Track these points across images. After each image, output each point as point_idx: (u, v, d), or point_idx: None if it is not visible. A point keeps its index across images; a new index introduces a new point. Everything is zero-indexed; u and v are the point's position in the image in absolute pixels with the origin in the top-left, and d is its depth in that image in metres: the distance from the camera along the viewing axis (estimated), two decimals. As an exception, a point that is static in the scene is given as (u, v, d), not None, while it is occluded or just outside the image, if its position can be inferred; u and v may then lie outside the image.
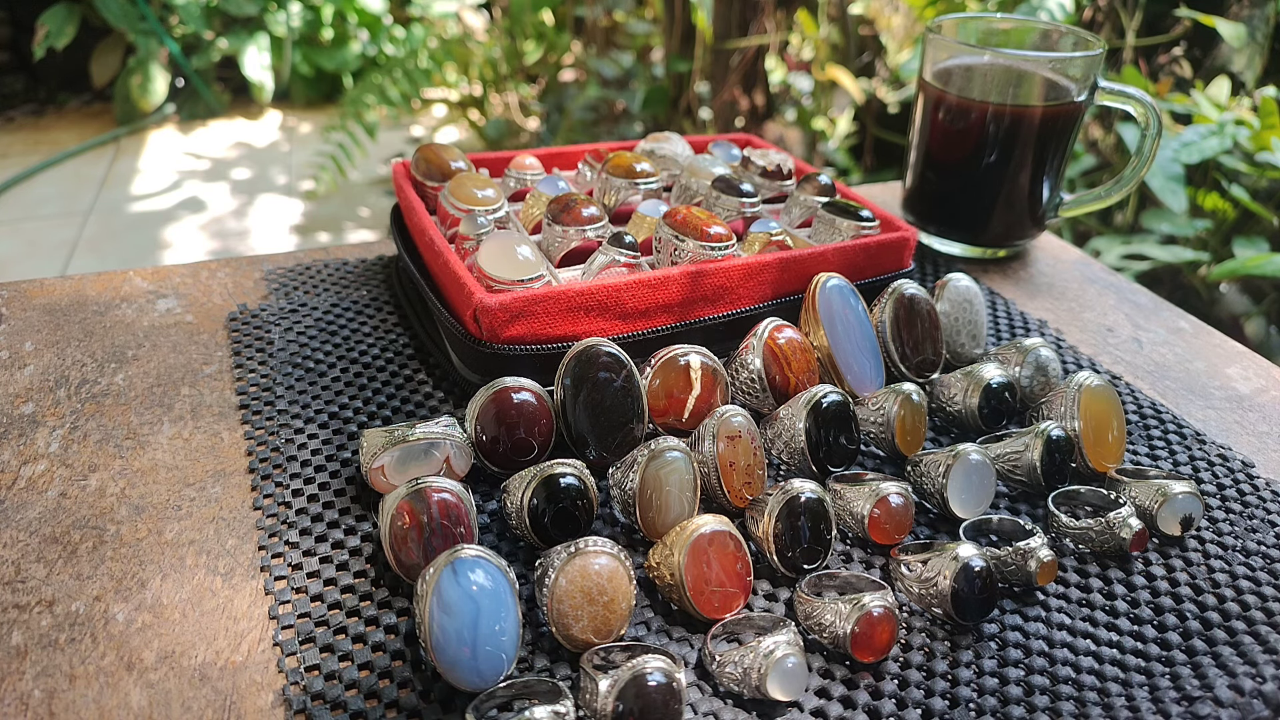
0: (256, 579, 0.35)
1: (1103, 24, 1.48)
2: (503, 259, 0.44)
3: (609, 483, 0.38)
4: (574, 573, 0.32)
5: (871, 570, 0.38)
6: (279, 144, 2.55)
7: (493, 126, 2.23)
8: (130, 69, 2.46)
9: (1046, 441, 0.41)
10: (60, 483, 0.39)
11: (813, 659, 0.34)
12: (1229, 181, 1.19)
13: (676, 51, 2.01)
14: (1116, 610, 0.36)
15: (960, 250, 0.63)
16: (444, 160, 0.53)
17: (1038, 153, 0.58)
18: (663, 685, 0.29)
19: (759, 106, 1.95)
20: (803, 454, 0.40)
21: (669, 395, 0.41)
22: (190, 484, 0.40)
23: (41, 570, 0.35)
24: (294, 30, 2.59)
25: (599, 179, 0.54)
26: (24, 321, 0.50)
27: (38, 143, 2.47)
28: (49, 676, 0.31)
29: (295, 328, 0.50)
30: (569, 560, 0.32)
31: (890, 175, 1.79)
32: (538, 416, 0.40)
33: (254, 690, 0.31)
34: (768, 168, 0.57)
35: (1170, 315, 0.58)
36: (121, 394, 0.45)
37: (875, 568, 0.38)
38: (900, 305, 0.47)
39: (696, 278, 0.45)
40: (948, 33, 0.61)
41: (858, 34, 1.86)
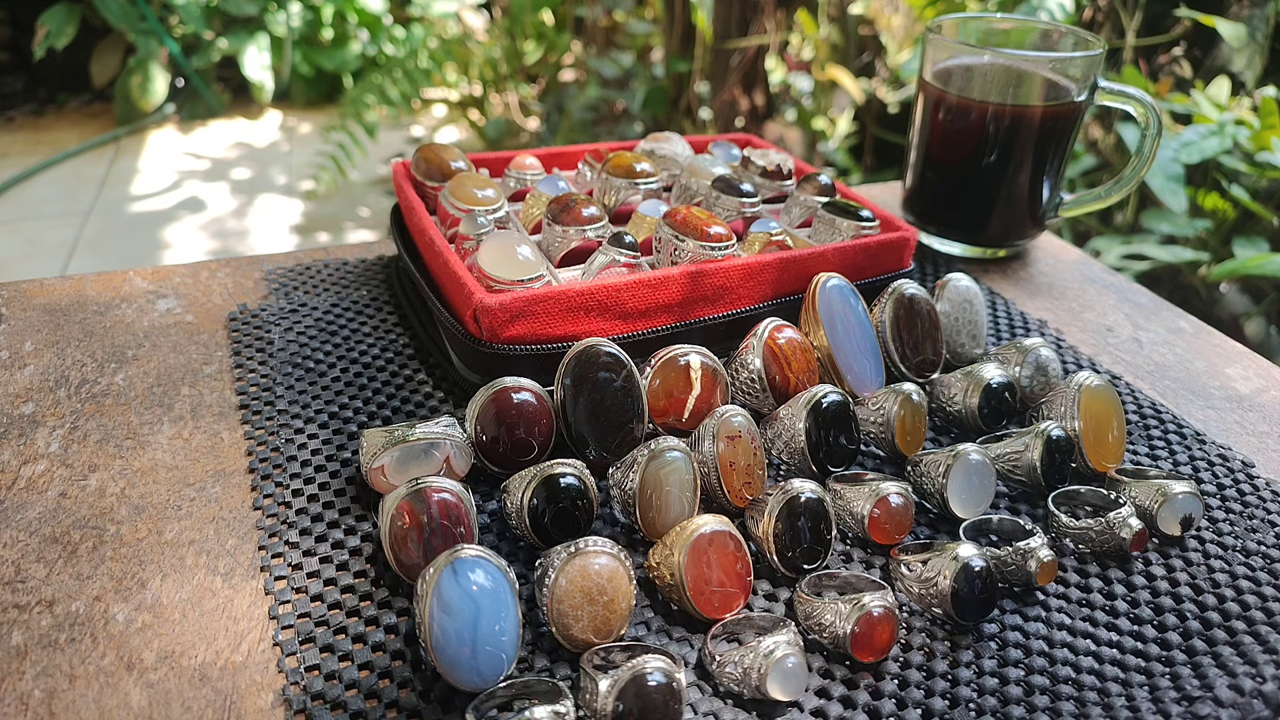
0: (256, 579, 0.35)
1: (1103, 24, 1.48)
2: (503, 259, 0.44)
3: (609, 483, 0.38)
4: (574, 573, 0.32)
5: (871, 570, 0.38)
6: (279, 144, 2.55)
7: (493, 126, 2.23)
8: (130, 69, 2.46)
9: (1046, 441, 0.41)
10: (60, 483, 0.39)
11: (813, 659, 0.34)
12: (1229, 181, 1.19)
13: (676, 51, 2.01)
14: (1116, 610, 0.36)
15: (960, 250, 0.63)
16: (444, 160, 0.53)
17: (1038, 153, 0.58)
18: (663, 685, 0.29)
19: (759, 106, 1.95)
20: (803, 454, 0.40)
21: (669, 395, 0.41)
22: (190, 484, 0.40)
23: (41, 570, 0.35)
24: (294, 30, 2.59)
25: (599, 179, 0.54)
26: (24, 321, 0.50)
27: (38, 143, 2.47)
28: (49, 676, 0.31)
29: (295, 328, 0.50)
30: (569, 560, 0.32)
31: (890, 175, 1.79)
32: (538, 416, 0.40)
33: (254, 690, 0.31)
34: (768, 168, 0.57)
35: (1170, 315, 0.58)
36: (121, 394, 0.45)
37: (875, 568, 0.38)
38: (900, 305, 0.47)
39: (696, 278, 0.45)
40: (948, 33, 0.61)
41: (858, 34, 1.86)
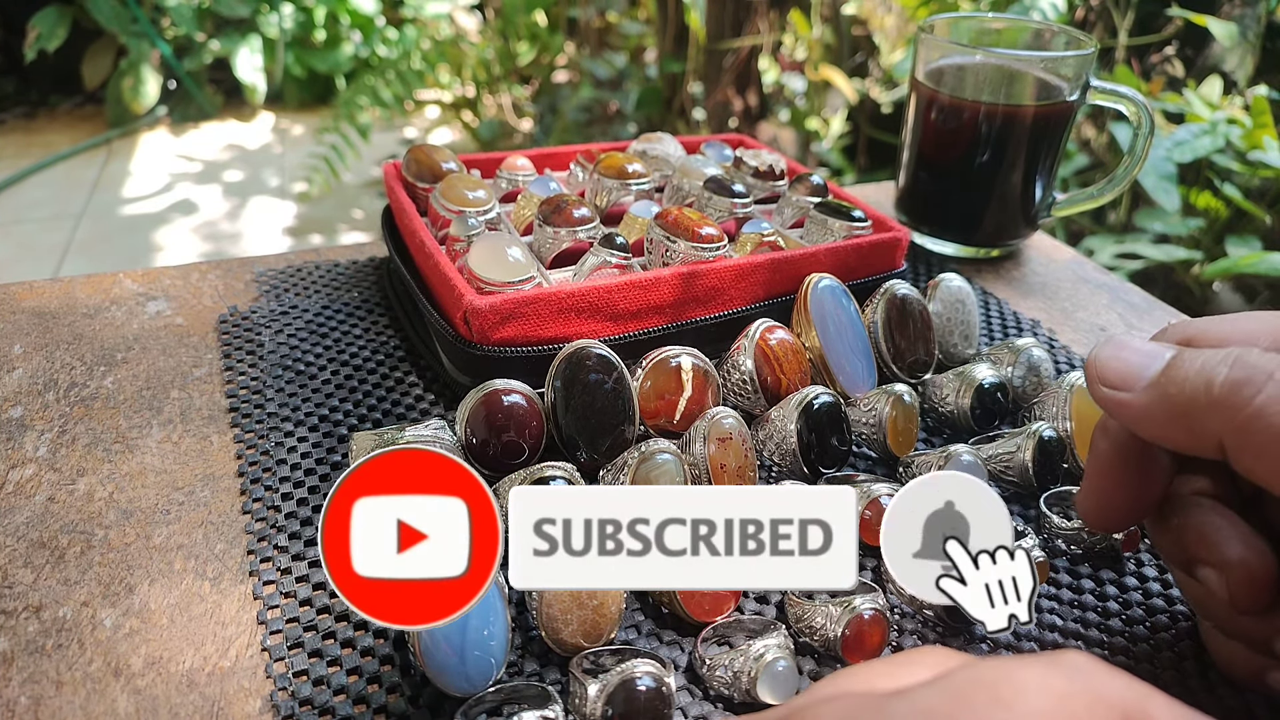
0: (245, 583, 0.35)
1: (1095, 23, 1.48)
2: (493, 261, 0.44)
3: (599, 485, 0.38)
4: (564, 576, 0.32)
5: (863, 572, 0.38)
6: (271, 146, 2.55)
7: (486, 128, 2.23)
8: (122, 71, 2.46)
9: (1039, 442, 0.40)
10: (48, 487, 0.39)
11: (803, 662, 0.33)
12: (1221, 180, 1.19)
13: (670, 52, 2.01)
14: (1109, 611, 0.36)
15: (953, 250, 0.63)
16: (435, 161, 0.53)
17: (1030, 152, 0.58)
18: (652, 690, 0.29)
19: (752, 107, 1.95)
20: (794, 455, 0.40)
21: (660, 397, 0.41)
22: (179, 488, 0.40)
23: (29, 575, 0.35)
24: (286, 32, 2.58)
25: (591, 180, 0.54)
26: (12, 324, 0.50)
27: (29, 145, 2.47)
28: (35, 683, 0.31)
29: (286, 330, 0.50)
30: (559, 563, 0.32)
31: (884, 175, 1.79)
32: (528, 419, 0.40)
33: (242, 696, 0.31)
34: (760, 168, 0.57)
35: (1164, 314, 0.58)
36: (110, 397, 0.45)
37: (867, 570, 0.38)
38: (892, 306, 0.47)
39: (688, 279, 0.45)
40: (940, 33, 0.61)
41: (851, 34, 1.86)
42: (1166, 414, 0.28)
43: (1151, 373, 0.28)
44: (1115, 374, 0.29)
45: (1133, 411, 0.29)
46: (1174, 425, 0.28)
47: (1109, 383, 0.29)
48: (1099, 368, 0.30)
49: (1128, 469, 0.31)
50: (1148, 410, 0.28)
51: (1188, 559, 0.30)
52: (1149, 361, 0.29)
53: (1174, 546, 0.31)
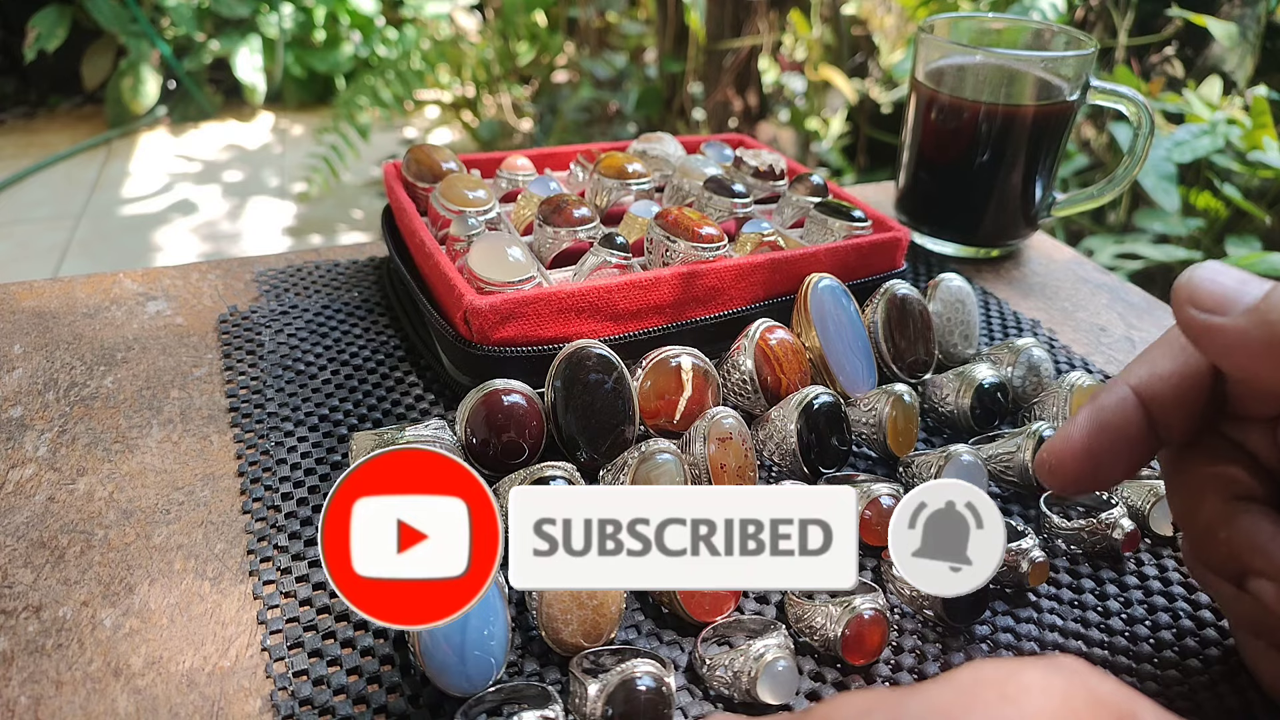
0: (245, 583, 0.35)
1: (1095, 23, 1.48)
2: (493, 260, 0.44)
3: (599, 485, 0.38)
4: (564, 576, 0.32)
5: (863, 572, 0.38)
6: (271, 146, 2.55)
7: (486, 128, 2.23)
8: (121, 71, 2.46)
9: (1039, 442, 0.40)
10: (48, 487, 0.39)
11: (803, 662, 0.33)
12: (1221, 180, 1.19)
13: (670, 52, 2.01)
14: (1109, 611, 0.36)
15: (953, 250, 0.63)
16: (435, 161, 0.53)
17: (1030, 152, 0.58)
18: (652, 690, 0.29)
19: (752, 107, 1.95)
20: (794, 455, 0.40)
21: (660, 397, 0.41)
22: (179, 488, 0.40)
23: (29, 575, 0.35)
24: (286, 32, 2.58)
25: (591, 180, 0.54)
26: (12, 324, 0.50)
27: (29, 145, 2.47)
28: (35, 683, 0.31)
29: (286, 330, 0.50)
30: (559, 563, 0.32)
31: (884, 175, 1.79)
32: (528, 419, 0.40)
33: (242, 696, 0.31)
34: (760, 168, 0.57)
35: (1163, 315, 0.58)
36: (110, 397, 0.45)
37: (866, 569, 0.38)
38: (892, 305, 0.47)
39: (688, 279, 0.45)
40: (940, 33, 0.61)
41: (850, 34, 1.86)
42: (1264, 342, 0.25)
43: (1251, 298, 0.26)
44: (1210, 296, 0.27)
45: (1225, 338, 0.26)
46: (1270, 355, 0.25)
47: (1202, 305, 0.27)
48: (1192, 289, 0.27)
49: (1119, 436, 0.30)
50: (1242, 337, 0.26)
51: (1239, 570, 0.28)
52: (1247, 288, 0.26)
53: (1225, 560, 0.29)
